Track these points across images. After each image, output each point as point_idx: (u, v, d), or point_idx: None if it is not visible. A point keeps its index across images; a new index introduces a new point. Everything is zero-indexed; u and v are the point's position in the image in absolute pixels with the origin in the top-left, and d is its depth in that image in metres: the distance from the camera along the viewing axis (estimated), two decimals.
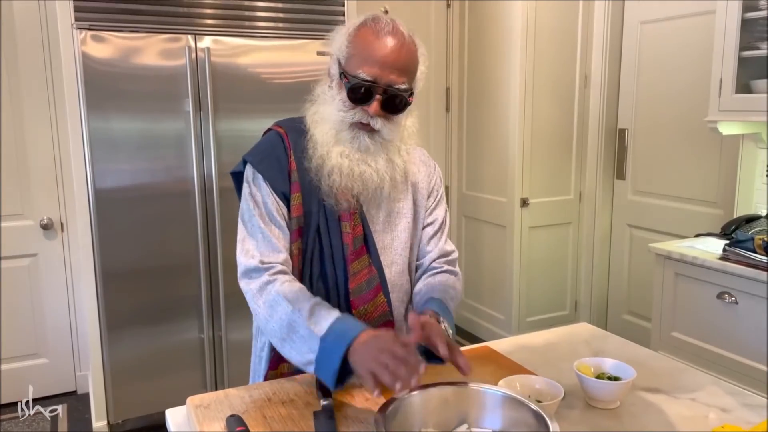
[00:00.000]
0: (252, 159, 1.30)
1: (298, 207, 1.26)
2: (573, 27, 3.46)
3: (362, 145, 1.23)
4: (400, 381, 0.97)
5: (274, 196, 1.26)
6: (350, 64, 1.21)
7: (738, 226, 2.45)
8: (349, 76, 1.20)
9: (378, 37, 1.19)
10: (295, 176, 1.27)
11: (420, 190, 1.39)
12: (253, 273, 1.22)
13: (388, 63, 1.18)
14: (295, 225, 1.27)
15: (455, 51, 3.87)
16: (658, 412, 1.17)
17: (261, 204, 1.26)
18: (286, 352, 1.16)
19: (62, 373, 3.16)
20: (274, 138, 1.32)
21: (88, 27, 2.42)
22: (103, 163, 2.52)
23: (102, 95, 2.48)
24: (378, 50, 1.18)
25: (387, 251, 1.33)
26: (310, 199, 1.27)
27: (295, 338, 1.13)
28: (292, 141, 1.29)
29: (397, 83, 1.20)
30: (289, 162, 1.28)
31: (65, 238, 3.08)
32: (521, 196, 3.49)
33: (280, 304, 1.16)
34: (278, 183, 1.26)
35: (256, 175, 1.28)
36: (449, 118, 3.97)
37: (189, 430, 1.14)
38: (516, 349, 1.47)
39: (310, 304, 1.16)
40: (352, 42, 1.22)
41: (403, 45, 1.21)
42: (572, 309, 3.76)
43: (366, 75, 1.18)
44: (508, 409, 1.01)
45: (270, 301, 1.18)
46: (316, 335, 1.10)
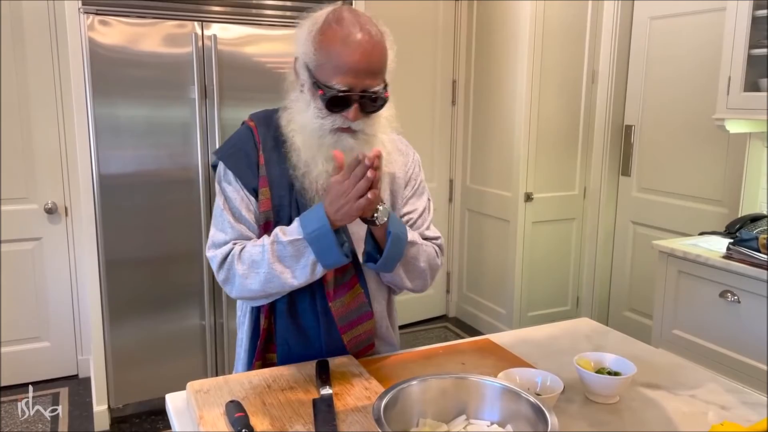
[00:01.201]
0: (221, 154, 1.31)
1: (266, 201, 1.27)
2: (582, 22, 3.43)
3: (346, 147, 1.21)
4: (368, 192, 1.11)
5: (244, 192, 1.28)
6: (322, 73, 1.18)
7: (742, 225, 2.44)
8: (323, 87, 1.17)
9: (346, 43, 1.16)
10: (263, 171, 1.27)
11: (396, 179, 1.38)
12: (225, 260, 1.25)
13: (361, 70, 1.16)
14: (263, 219, 1.27)
15: (462, 44, 3.85)
16: (658, 407, 1.17)
17: (230, 200, 1.28)
18: (289, 280, 1.20)
19: (64, 357, 3.18)
20: (243, 133, 1.33)
21: (95, 12, 2.41)
22: (107, 149, 2.52)
23: (108, 81, 2.48)
24: (349, 58, 1.15)
25: (361, 243, 1.30)
26: (279, 193, 1.28)
27: (290, 260, 1.19)
28: (262, 135, 1.30)
29: (372, 86, 1.19)
30: (258, 156, 1.28)
31: (69, 223, 3.09)
32: (525, 190, 3.48)
33: (260, 253, 1.21)
34: (247, 178, 1.28)
35: (226, 171, 1.30)
36: (455, 111, 3.95)
37: (188, 415, 1.14)
38: (517, 342, 1.47)
39: (274, 233, 1.21)
40: (319, 49, 1.19)
41: (373, 46, 1.18)
42: (574, 305, 3.75)
43: (341, 86, 1.16)
44: (507, 401, 1.01)
45: (248, 258, 1.22)
46: (299, 237, 1.17)
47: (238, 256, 1.24)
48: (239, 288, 1.25)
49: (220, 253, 1.26)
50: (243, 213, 1.28)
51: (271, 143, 1.29)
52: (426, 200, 1.44)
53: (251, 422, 1.03)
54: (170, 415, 1.17)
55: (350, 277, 1.31)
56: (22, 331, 3.07)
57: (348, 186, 1.12)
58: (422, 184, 1.44)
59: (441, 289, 4.16)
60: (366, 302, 1.33)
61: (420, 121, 3.81)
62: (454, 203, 4.06)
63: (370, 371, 1.26)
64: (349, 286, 1.31)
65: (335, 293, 1.30)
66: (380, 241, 1.25)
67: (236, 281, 1.25)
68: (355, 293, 1.32)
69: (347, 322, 1.31)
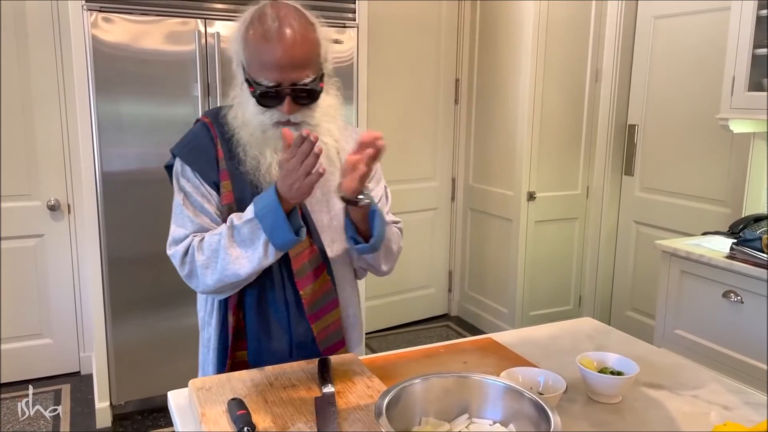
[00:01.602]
0: (179, 151, 1.31)
1: (228, 194, 1.28)
2: (585, 20, 3.43)
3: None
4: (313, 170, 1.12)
5: (205, 187, 1.28)
6: (252, 71, 1.21)
7: (746, 225, 2.43)
8: (254, 84, 1.21)
9: (267, 40, 1.17)
10: (224, 164, 1.28)
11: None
12: (186, 254, 1.25)
13: (285, 65, 1.17)
14: (226, 212, 1.27)
15: (466, 42, 3.85)
16: (660, 407, 1.16)
17: (190, 195, 1.28)
18: (245, 264, 1.20)
19: (66, 354, 3.19)
20: (199, 129, 1.34)
21: (98, 9, 2.41)
22: (110, 146, 2.53)
23: (111, 78, 2.48)
24: (271, 55, 1.17)
25: (326, 230, 1.34)
26: (241, 185, 1.28)
27: (245, 243, 1.19)
28: (218, 130, 1.31)
29: (301, 79, 1.19)
30: (217, 151, 1.29)
31: (72, 220, 3.09)
32: (528, 189, 3.47)
33: (217, 241, 1.21)
34: (207, 173, 1.28)
35: (184, 167, 1.30)
36: (458, 109, 3.95)
37: (191, 412, 1.14)
38: (519, 341, 1.47)
39: (230, 219, 1.22)
40: (246, 47, 1.21)
41: (294, 41, 1.18)
42: (576, 304, 3.75)
43: (268, 81, 1.19)
44: (510, 400, 1.01)
45: (208, 247, 1.23)
46: (251, 217, 1.18)
47: (198, 246, 1.24)
48: (203, 281, 1.25)
49: (181, 248, 1.26)
50: (204, 206, 1.28)
51: (229, 137, 1.30)
52: (383, 187, 1.46)
53: (253, 420, 1.03)
54: (172, 413, 1.17)
55: (318, 264, 1.32)
56: (25, 328, 3.08)
57: (296, 162, 1.13)
58: (379, 171, 1.44)
59: (443, 288, 4.16)
60: (332, 289, 1.34)
61: (423, 120, 3.81)
62: (457, 202, 4.05)
63: (372, 369, 1.26)
64: (317, 273, 1.31)
65: (305, 280, 1.30)
66: (358, 223, 1.28)
67: (199, 273, 1.24)
68: (323, 280, 1.32)
69: (315, 311, 1.31)
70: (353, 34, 2.90)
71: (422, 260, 3.99)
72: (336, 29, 2.86)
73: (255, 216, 1.19)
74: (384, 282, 3.77)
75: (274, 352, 1.31)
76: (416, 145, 3.81)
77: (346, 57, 2.90)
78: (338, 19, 2.86)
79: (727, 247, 2.29)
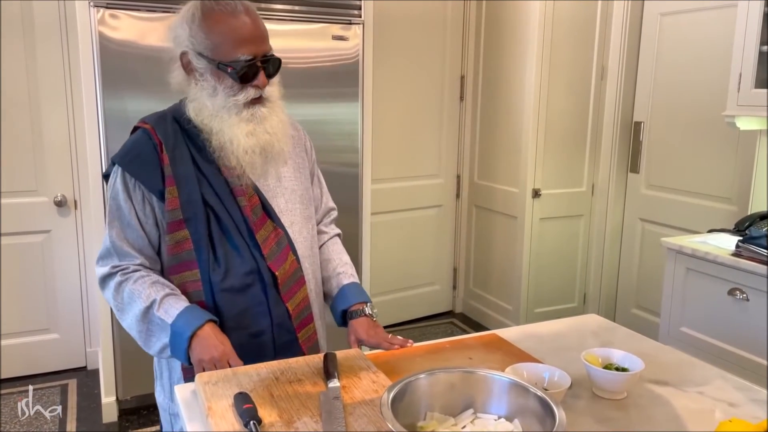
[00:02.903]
0: (121, 161, 1.31)
1: (173, 200, 1.29)
2: (591, 17, 3.42)
3: (260, 116, 1.29)
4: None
5: (144, 195, 1.30)
6: (221, 52, 1.25)
7: (752, 223, 2.42)
8: (229, 63, 1.25)
9: (235, 16, 1.24)
10: (168, 170, 1.30)
11: (298, 153, 1.48)
12: (106, 279, 1.32)
13: (257, 37, 1.26)
14: (171, 217, 1.30)
15: (471, 38, 3.84)
16: (665, 404, 1.16)
17: (118, 209, 1.31)
18: (145, 340, 1.30)
19: (73, 349, 3.20)
20: (140, 137, 1.34)
21: (105, 5, 2.42)
22: (117, 143, 2.52)
23: (117, 74, 2.48)
24: (243, 29, 1.24)
25: (285, 213, 1.41)
26: (187, 189, 1.30)
27: (153, 328, 1.28)
28: (162, 136, 1.32)
29: (269, 51, 1.29)
30: (161, 158, 1.30)
31: (78, 216, 3.11)
32: (533, 187, 3.47)
33: (135, 301, 1.28)
34: (151, 182, 1.30)
35: (124, 178, 1.31)
36: (463, 106, 3.95)
37: (197, 407, 1.15)
38: (524, 337, 1.47)
39: (160, 296, 1.27)
40: (210, 32, 1.25)
41: (256, 14, 1.28)
42: (581, 301, 3.75)
43: (246, 56, 1.24)
44: (515, 395, 1.01)
45: (125, 299, 1.29)
46: (167, 322, 1.26)
47: (116, 289, 1.30)
48: (121, 320, 1.33)
49: (105, 271, 1.32)
50: (131, 221, 1.31)
51: (173, 142, 1.32)
52: (321, 175, 1.59)
53: (259, 414, 1.04)
54: (179, 407, 1.18)
55: (284, 245, 1.38)
56: (32, 323, 3.10)
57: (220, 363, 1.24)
58: (316, 169, 1.58)
59: (447, 285, 4.16)
60: (299, 268, 1.41)
61: (428, 117, 3.81)
62: (462, 199, 4.05)
63: (378, 365, 1.26)
64: (285, 255, 1.38)
65: (277, 262, 1.36)
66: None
67: (110, 302, 1.33)
68: (290, 260, 1.38)
69: (288, 289, 1.38)
70: (359, 30, 2.90)
71: (427, 257, 3.99)
72: (341, 26, 2.86)
73: (171, 325, 1.26)
74: (388, 279, 3.78)
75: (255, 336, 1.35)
76: (421, 142, 3.81)
77: (351, 54, 2.90)
78: (344, 15, 2.86)
79: (733, 244, 2.29)
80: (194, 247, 1.31)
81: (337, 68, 2.88)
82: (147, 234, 1.32)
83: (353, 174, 3.03)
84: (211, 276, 1.31)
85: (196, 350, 1.24)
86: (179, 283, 1.33)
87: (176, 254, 1.31)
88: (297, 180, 1.46)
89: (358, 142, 3.01)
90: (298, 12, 2.75)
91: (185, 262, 1.31)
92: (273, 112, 1.32)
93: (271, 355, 1.36)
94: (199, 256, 1.31)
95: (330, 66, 2.86)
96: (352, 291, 1.49)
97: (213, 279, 1.31)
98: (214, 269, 1.31)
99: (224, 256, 1.32)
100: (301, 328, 1.41)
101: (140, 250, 1.32)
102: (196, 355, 1.24)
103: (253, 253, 1.33)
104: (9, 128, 2.92)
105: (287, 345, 1.38)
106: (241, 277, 1.32)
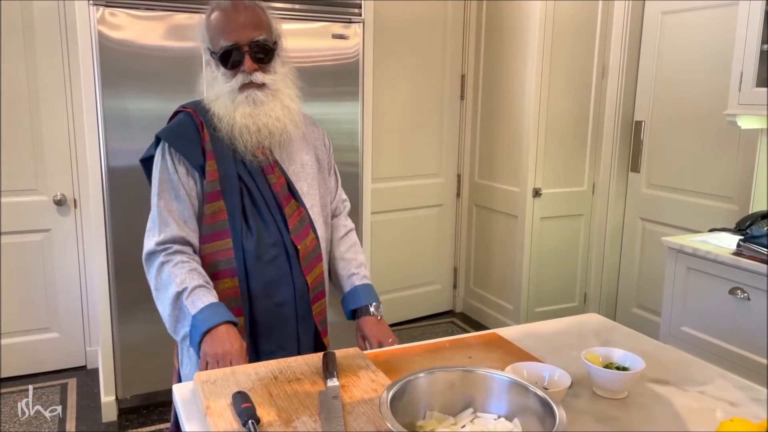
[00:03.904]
0: (167, 137, 1.46)
1: (212, 172, 1.43)
2: (592, 16, 3.41)
3: (257, 99, 1.41)
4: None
5: (182, 172, 1.43)
6: (215, 43, 1.41)
7: (753, 222, 2.42)
8: (217, 50, 1.40)
9: (224, 11, 1.40)
10: (209, 147, 1.44)
11: (318, 147, 1.62)
12: (151, 257, 1.41)
13: (240, 24, 1.38)
14: (210, 188, 1.42)
15: (472, 37, 3.83)
16: (666, 403, 1.16)
17: (167, 182, 1.43)
18: (173, 325, 1.39)
19: (72, 348, 3.20)
20: (184, 118, 1.48)
21: (104, 4, 2.41)
22: (116, 142, 2.53)
23: (117, 73, 2.48)
24: (228, 20, 1.39)
25: (306, 196, 1.54)
26: (225, 164, 1.44)
27: (180, 315, 1.37)
28: (202, 118, 1.46)
29: (255, 37, 1.39)
30: (202, 136, 1.44)
31: (78, 215, 3.10)
32: (534, 186, 3.46)
33: (170, 285, 1.37)
34: (193, 157, 1.43)
35: (168, 152, 1.44)
36: (464, 105, 3.94)
37: (195, 406, 1.15)
38: (524, 336, 1.47)
39: (192, 286, 1.35)
40: (208, 28, 1.43)
41: (246, 7, 1.40)
42: (581, 301, 3.74)
43: (227, 42, 1.38)
44: (515, 394, 1.00)
45: (163, 280, 1.38)
46: (191, 313, 1.34)
47: (158, 268, 1.39)
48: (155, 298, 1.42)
49: (153, 272, 1.42)
50: (180, 191, 1.42)
51: (210, 124, 1.45)
52: (335, 172, 1.71)
53: (258, 413, 1.03)
54: (177, 406, 1.18)
55: (305, 224, 1.51)
56: (31, 322, 3.09)
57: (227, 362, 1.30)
58: (332, 161, 1.70)
59: (448, 285, 4.15)
60: (318, 245, 1.54)
61: (428, 116, 3.80)
62: (462, 198, 4.05)
63: (377, 364, 1.26)
64: (306, 231, 1.51)
65: (299, 237, 1.48)
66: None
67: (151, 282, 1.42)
68: (310, 237, 1.51)
69: (307, 264, 1.50)
70: (359, 29, 2.89)
71: (427, 256, 3.98)
72: (342, 24, 2.85)
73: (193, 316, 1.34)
74: (389, 278, 3.78)
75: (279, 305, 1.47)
76: (421, 141, 3.81)
77: (351, 53, 2.89)
78: (344, 14, 2.85)
79: (734, 243, 2.28)
80: (228, 217, 1.42)
81: (337, 67, 2.87)
82: (192, 204, 1.43)
83: (353, 173, 3.03)
84: (244, 243, 1.42)
85: (205, 345, 1.31)
86: (210, 252, 1.43)
87: (212, 224, 1.43)
88: (317, 170, 1.60)
89: (358, 141, 3.01)
90: (298, 11, 2.74)
91: (219, 232, 1.43)
92: (275, 98, 1.44)
93: (293, 326, 1.48)
94: (233, 225, 1.43)
95: (330, 65, 2.86)
96: (364, 291, 1.61)
97: (246, 246, 1.42)
98: (247, 237, 1.43)
99: (255, 227, 1.44)
100: (315, 302, 1.52)
101: (185, 221, 1.42)
102: (204, 349, 1.31)
103: (279, 226, 1.46)
104: (9, 127, 2.91)
105: (304, 317, 1.50)
106: (268, 247, 1.44)
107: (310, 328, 1.52)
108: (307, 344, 1.53)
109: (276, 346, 1.47)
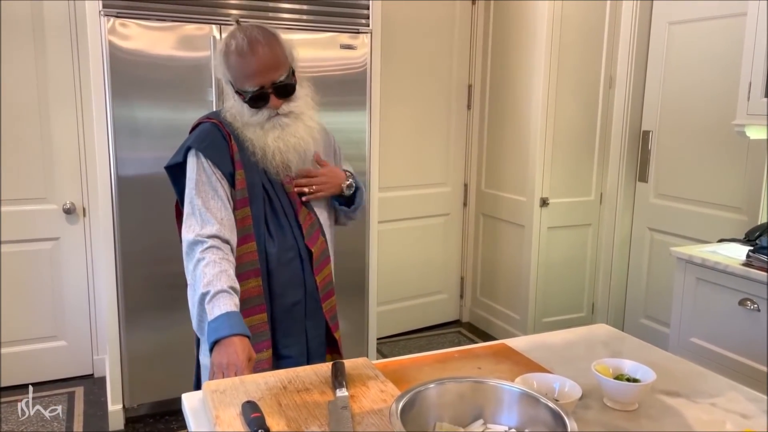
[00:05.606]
0: (199, 146, 1.53)
1: (242, 181, 1.53)
2: (599, 26, 3.42)
3: (283, 124, 1.53)
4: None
5: (218, 175, 1.51)
6: (238, 83, 1.50)
7: (762, 233, 2.40)
8: (242, 93, 1.50)
9: (242, 56, 1.46)
10: (238, 157, 1.54)
11: (329, 154, 1.73)
12: (190, 249, 1.46)
13: (262, 70, 1.47)
14: (240, 195, 1.52)
15: (479, 48, 3.85)
16: (677, 415, 1.15)
17: (206, 183, 1.50)
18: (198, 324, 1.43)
19: (80, 356, 3.21)
20: (211, 128, 1.56)
21: (115, 14, 2.44)
22: (126, 151, 2.55)
23: (127, 83, 2.50)
24: (249, 66, 1.46)
25: (316, 203, 1.66)
26: (251, 173, 1.54)
27: (204, 316, 1.41)
28: (229, 129, 1.55)
29: (278, 78, 1.49)
30: (231, 146, 1.54)
31: (87, 223, 3.12)
32: (541, 195, 3.46)
33: (199, 284, 1.41)
34: (223, 164, 1.52)
35: (202, 158, 1.51)
36: (470, 115, 3.95)
37: (204, 415, 1.14)
38: (533, 347, 1.46)
39: (215, 290, 1.39)
40: (228, 66, 1.50)
41: (263, 50, 1.47)
42: (589, 311, 3.72)
43: (253, 87, 1.48)
44: (525, 406, 1.00)
45: (197, 277, 1.43)
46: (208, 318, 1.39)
47: (195, 264, 1.43)
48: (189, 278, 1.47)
49: (190, 238, 1.46)
50: (218, 191, 1.50)
51: (235, 135, 1.55)
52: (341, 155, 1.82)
53: (267, 423, 1.03)
54: (186, 415, 1.18)
55: (316, 228, 1.63)
56: (39, 330, 3.10)
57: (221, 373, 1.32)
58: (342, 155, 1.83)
59: (454, 294, 4.14)
60: (327, 249, 1.66)
61: (435, 125, 3.81)
62: (469, 208, 4.04)
63: (386, 374, 1.25)
64: (317, 235, 1.62)
65: (312, 240, 1.60)
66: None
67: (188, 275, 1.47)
68: (321, 241, 1.63)
69: (318, 264, 1.61)
70: (366, 40, 2.91)
71: (434, 266, 3.98)
72: (349, 35, 2.87)
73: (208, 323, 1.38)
74: (395, 287, 3.77)
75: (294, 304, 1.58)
76: (429, 150, 3.81)
77: (359, 63, 2.91)
78: (351, 24, 2.87)
79: (744, 254, 2.27)
80: (253, 223, 1.53)
81: (345, 77, 2.89)
82: (229, 204, 1.51)
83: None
84: (267, 247, 1.54)
85: (215, 353, 1.35)
86: (240, 254, 1.51)
87: (240, 228, 1.52)
88: None
89: (365, 150, 3.02)
90: (306, 21, 2.76)
91: (245, 236, 1.52)
92: (298, 120, 1.55)
93: (302, 322, 1.60)
94: (257, 230, 1.53)
95: (338, 75, 2.87)
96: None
97: (269, 250, 1.54)
98: (269, 242, 1.55)
99: (275, 232, 1.56)
100: (325, 300, 1.63)
101: (221, 219, 1.48)
102: (213, 357, 1.34)
103: (294, 232, 1.58)
104: (19, 136, 2.93)
105: (313, 312, 1.61)
106: (286, 251, 1.56)
107: (320, 323, 1.63)
108: (317, 338, 1.64)
109: (289, 340, 1.58)
